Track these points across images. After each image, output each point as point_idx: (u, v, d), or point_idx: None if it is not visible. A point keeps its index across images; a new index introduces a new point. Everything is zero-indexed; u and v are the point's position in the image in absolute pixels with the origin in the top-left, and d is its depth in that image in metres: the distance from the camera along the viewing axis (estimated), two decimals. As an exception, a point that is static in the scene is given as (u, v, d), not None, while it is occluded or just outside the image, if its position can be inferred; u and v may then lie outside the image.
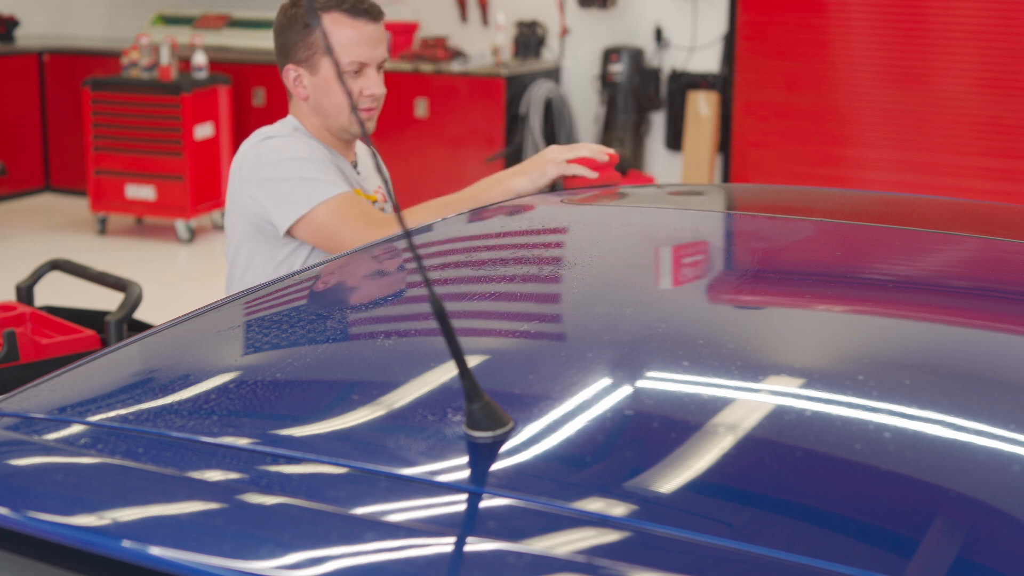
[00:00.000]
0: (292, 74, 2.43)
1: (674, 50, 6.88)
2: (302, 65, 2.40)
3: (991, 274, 1.64)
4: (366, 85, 2.40)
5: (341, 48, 2.34)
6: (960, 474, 1.00)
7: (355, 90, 2.40)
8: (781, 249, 1.74)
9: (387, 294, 1.56)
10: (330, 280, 1.59)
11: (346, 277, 1.63)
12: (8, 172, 7.16)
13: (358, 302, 1.54)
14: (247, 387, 1.21)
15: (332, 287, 1.58)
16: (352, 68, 2.37)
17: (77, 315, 2.62)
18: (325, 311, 1.47)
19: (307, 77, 2.41)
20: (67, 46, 8.15)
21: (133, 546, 0.92)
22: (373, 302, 1.54)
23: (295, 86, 2.44)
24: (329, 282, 1.58)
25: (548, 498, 0.96)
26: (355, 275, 1.64)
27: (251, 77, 7.40)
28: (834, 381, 1.17)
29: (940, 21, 6.09)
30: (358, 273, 1.65)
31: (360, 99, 2.41)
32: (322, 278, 1.58)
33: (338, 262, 1.65)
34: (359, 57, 2.37)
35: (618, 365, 1.21)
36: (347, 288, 1.60)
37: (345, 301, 1.54)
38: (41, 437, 1.13)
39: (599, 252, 1.68)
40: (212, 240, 7.17)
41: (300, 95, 2.44)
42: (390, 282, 1.62)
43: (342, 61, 2.36)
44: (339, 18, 2.34)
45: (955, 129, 6.10)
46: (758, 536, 0.92)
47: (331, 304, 1.52)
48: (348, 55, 2.35)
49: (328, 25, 2.33)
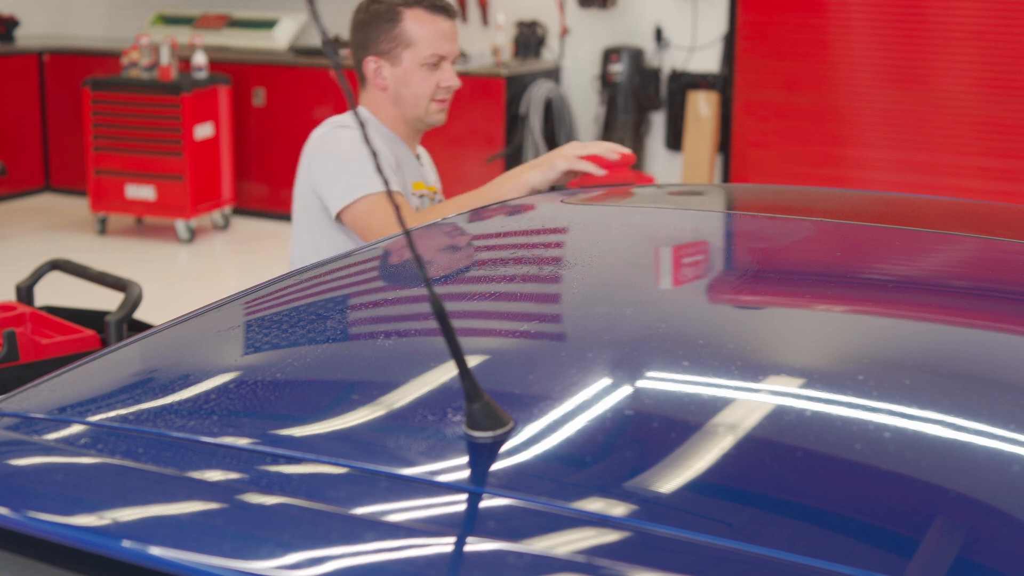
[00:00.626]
0: (372, 66, 2.59)
1: (674, 50, 6.88)
2: (383, 57, 2.57)
3: (991, 274, 1.64)
4: (443, 78, 2.59)
5: (422, 42, 2.55)
6: (960, 474, 1.00)
7: (433, 82, 2.58)
8: (781, 249, 1.74)
9: (387, 294, 1.56)
10: (330, 280, 1.59)
11: (346, 277, 1.63)
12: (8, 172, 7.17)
13: (358, 302, 1.54)
14: (247, 387, 1.21)
15: (332, 287, 1.58)
16: (432, 61, 2.57)
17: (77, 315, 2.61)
18: (325, 311, 1.47)
19: (387, 68, 2.58)
20: (67, 46, 8.15)
21: (133, 546, 0.92)
22: (373, 302, 1.54)
23: (375, 77, 2.60)
24: (329, 282, 1.58)
25: (548, 498, 0.96)
26: (355, 275, 1.64)
27: (251, 77, 7.40)
28: (834, 381, 1.17)
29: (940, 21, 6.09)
30: (358, 273, 1.65)
31: (437, 91, 2.60)
32: (322, 278, 1.58)
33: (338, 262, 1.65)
34: (439, 50, 2.56)
35: (618, 365, 1.21)
36: (347, 288, 1.60)
37: (345, 301, 1.54)
38: (41, 437, 1.13)
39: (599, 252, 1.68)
40: (212, 240, 7.17)
41: (379, 86, 2.60)
42: (390, 282, 1.62)
43: (423, 54, 2.56)
44: (420, 14, 2.55)
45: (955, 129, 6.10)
46: (758, 536, 0.92)
47: (331, 304, 1.52)
48: (428, 48, 2.55)
49: (409, 21, 2.54)
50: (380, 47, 2.57)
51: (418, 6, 2.56)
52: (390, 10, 2.55)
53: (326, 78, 7.20)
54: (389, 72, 2.58)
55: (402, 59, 2.57)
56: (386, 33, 2.56)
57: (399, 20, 2.55)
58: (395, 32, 2.55)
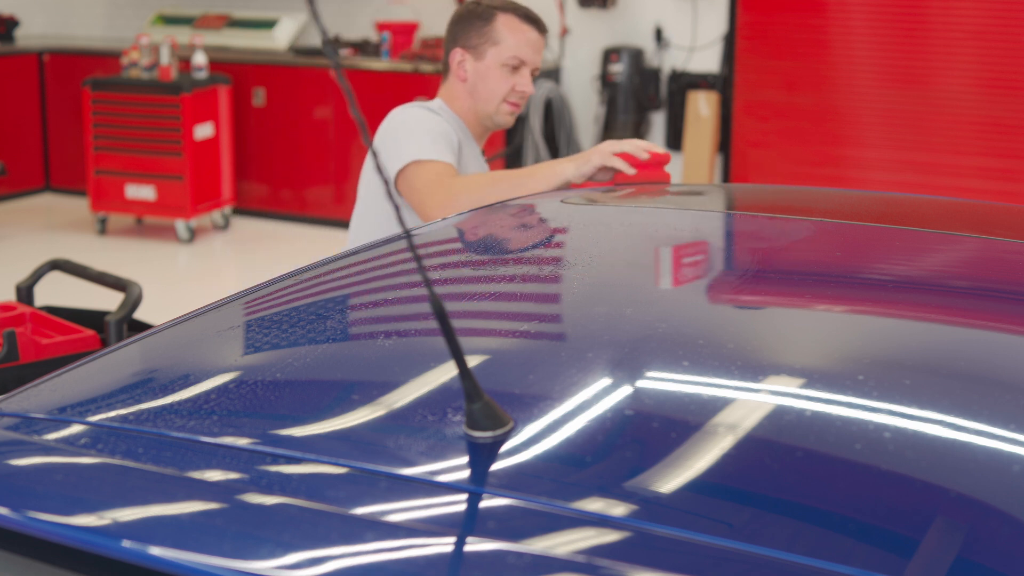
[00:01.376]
0: (458, 57, 2.73)
1: (674, 50, 6.88)
2: (469, 51, 2.72)
3: (991, 274, 1.64)
4: (519, 82, 2.72)
5: (507, 43, 2.69)
6: (960, 474, 1.00)
7: (509, 84, 2.71)
8: (781, 249, 1.74)
9: (387, 294, 1.56)
10: (330, 280, 1.59)
11: (346, 277, 1.63)
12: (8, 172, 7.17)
13: (358, 302, 1.54)
14: (247, 387, 1.21)
15: (332, 287, 1.58)
16: (512, 63, 2.70)
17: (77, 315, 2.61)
18: (325, 311, 1.47)
19: (471, 62, 2.72)
20: (67, 46, 8.15)
21: (133, 546, 0.92)
22: (373, 302, 1.54)
23: (458, 68, 2.73)
24: (329, 282, 1.58)
25: (548, 498, 0.96)
26: (355, 275, 1.64)
27: (251, 77, 7.40)
28: (834, 381, 1.17)
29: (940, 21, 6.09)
30: (358, 273, 1.65)
31: (511, 93, 2.72)
32: (322, 278, 1.58)
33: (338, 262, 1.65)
34: (521, 54, 2.70)
35: (618, 365, 1.21)
36: (347, 288, 1.60)
37: (345, 301, 1.54)
38: (41, 437, 1.13)
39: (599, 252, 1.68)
40: (212, 240, 7.17)
41: (460, 77, 2.73)
42: (390, 282, 1.62)
43: (506, 54, 2.70)
44: (512, 20, 2.71)
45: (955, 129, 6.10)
46: (758, 536, 0.92)
47: (331, 304, 1.52)
48: (511, 50, 2.69)
49: (501, 23, 2.70)
50: (469, 41, 2.72)
51: (513, 13, 2.72)
52: (486, 11, 2.73)
53: (326, 78, 7.20)
54: (471, 66, 2.72)
55: (486, 55, 2.71)
56: (477, 29, 2.72)
57: (492, 20, 2.71)
58: (486, 29, 2.71)
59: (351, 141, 7.21)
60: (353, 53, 7.34)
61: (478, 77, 2.72)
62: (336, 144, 7.25)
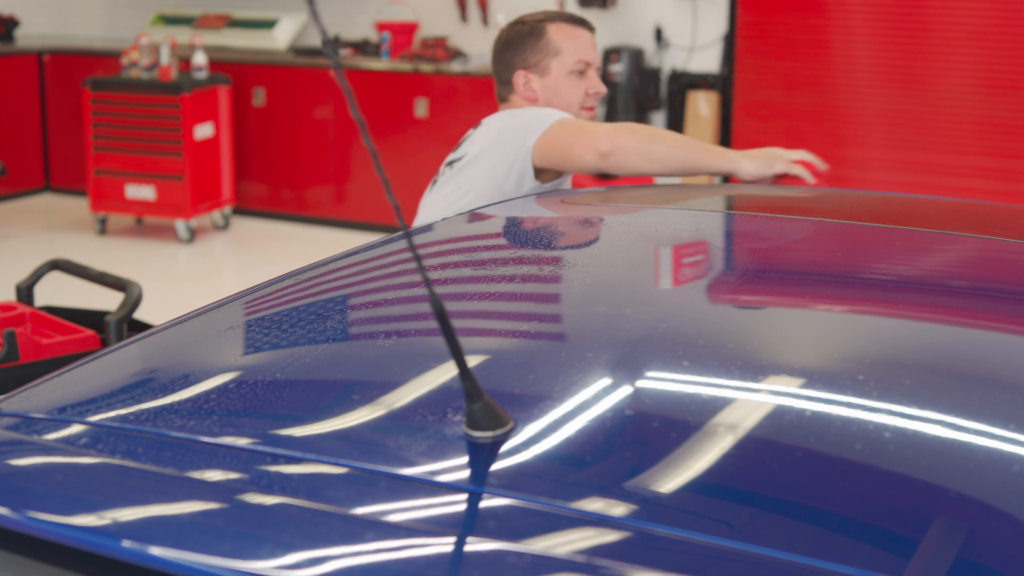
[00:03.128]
0: (522, 80, 2.66)
1: (674, 50, 6.88)
2: (532, 70, 2.66)
3: (991, 274, 1.64)
4: (590, 85, 2.67)
5: (568, 50, 2.64)
6: (960, 474, 1.00)
7: (582, 89, 2.66)
8: (781, 249, 1.74)
9: (387, 294, 1.56)
10: (330, 280, 1.59)
11: (346, 277, 1.63)
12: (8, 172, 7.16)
13: (358, 302, 1.54)
14: (247, 387, 1.21)
15: (332, 287, 1.58)
16: (579, 68, 2.65)
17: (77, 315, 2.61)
18: (325, 311, 1.47)
19: (536, 80, 2.66)
20: (67, 46, 8.14)
21: (133, 546, 0.92)
22: (373, 302, 1.54)
23: (524, 90, 2.67)
24: (329, 282, 1.58)
25: (548, 498, 0.96)
26: (355, 275, 1.64)
27: (251, 77, 7.40)
28: (834, 381, 1.17)
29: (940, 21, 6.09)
30: (358, 273, 1.65)
31: (586, 98, 2.67)
32: (323, 278, 1.58)
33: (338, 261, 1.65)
34: (583, 56, 2.65)
35: (618, 365, 1.21)
36: (347, 288, 1.60)
37: (345, 301, 1.54)
38: (41, 437, 1.13)
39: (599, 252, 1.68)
40: (212, 240, 7.17)
41: (529, 98, 2.67)
42: (390, 282, 1.62)
43: (570, 61, 2.64)
44: (562, 26, 2.67)
45: (955, 129, 6.10)
46: (758, 536, 0.92)
47: (331, 304, 1.52)
48: (575, 55, 2.64)
49: (553, 33, 2.65)
50: (528, 60, 2.66)
51: (559, 20, 2.68)
52: (535, 27, 2.67)
53: (326, 78, 7.20)
54: (538, 83, 2.66)
55: (551, 68, 2.66)
56: (532, 47, 2.66)
57: (543, 33, 2.66)
58: (541, 44, 2.66)
59: (351, 141, 7.21)
60: (353, 53, 7.34)
61: (550, 92, 2.66)
62: (336, 144, 7.25)
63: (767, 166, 2.42)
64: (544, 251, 1.74)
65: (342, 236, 7.08)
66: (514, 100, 2.71)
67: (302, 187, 7.43)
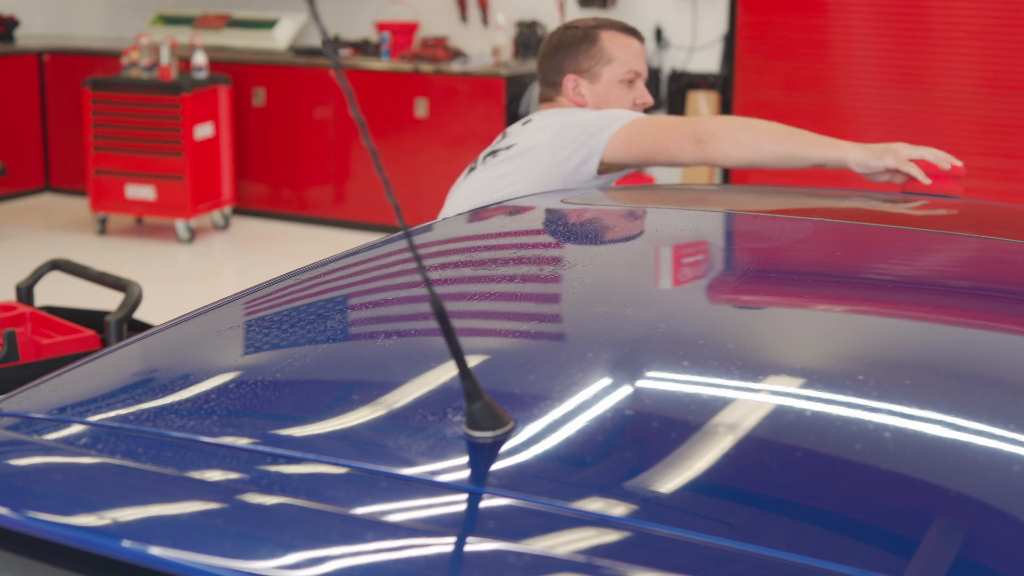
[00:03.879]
0: (571, 84, 2.67)
1: (674, 50, 6.88)
2: (583, 75, 2.66)
3: (991, 274, 1.64)
4: (638, 95, 2.68)
5: (619, 59, 2.66)
6: (960, 474, 1.00)
7: (630, 99, 2.66)
8: (781, 249, 1.74)
9: (387, 294, 1.56)
10: (330, 280, 1.59)
11: (346, 277, 1.63)
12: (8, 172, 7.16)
13: (358, 302, 1.54)
14: (247, 387, 1.21)
15: (332, 287, 1.58)
16: (629, 77, 2.66)
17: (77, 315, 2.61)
18: (325, 311, 1.47)
19: (586, 86, 2.66)
20: (67, 46, 8.15)
21: (133, 546, 0.92)
22: (373, 302, 1.54)
23: (573, 95, 2.67)
24: (329, 282, 1.58)
25: (548, 498, 0.96)
26: (355, 275, 1.64)
27: (251, 77, 7.40)
28: (834, 381, 1.17)
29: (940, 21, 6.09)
30: (358, 273, 1.65)
31: (633, 108, 2.66)
32: (323, 278, 1.58)
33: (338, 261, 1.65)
34: (635, 67, 2.67)
35: (618, 365, 1.21)
36: (347, 288, 1.60)
37: (345, 301, 1.54)
38: (41, 437, 1.13)
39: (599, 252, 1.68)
40: (212, 240, 7.17)
41: (577, 102, 2.67)
42: (390, 282, 1.62)
43: (621, 70, 2.65)
44: (615, 35, 2.68)
45: (955, 129, 6.10)
46: (758, 536, 0.92)
47: (331, 304, 1.52)
48: (626, 65, 2.66)
49: (606, 40, 2.66)
50: (580, 65, 2.66)
51: (612, 28, 2.69)
52: (588, 32, 2.68)
53: (326, 78, 7.20)
54: (588, 89, 2.66)
55: (602, 75, 2.66)
56: (584, 52, 2.66)
57: (597, 40, 2.67)
58: (594, 50, 2.66)
59: (351, 141, 7.21)
60: (353, 53, 7.34)
61: (598, 99, 2.66)
62: (336, 144, 7.25)
63: (875, 159, 2.31)
64: (544, 251, 1.74)
65: (342, 236, 7.08)
66: (560, 102, 2.70)
67: (302, 187, 7.43)
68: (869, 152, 2.32)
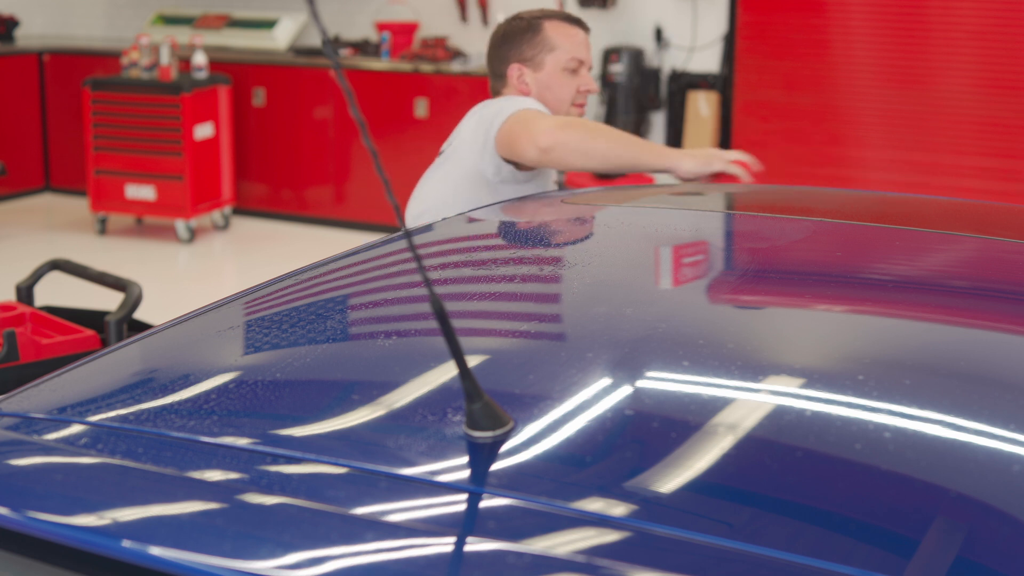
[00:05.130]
0: (516, 72, 2.72)
1: (674, 50, 6.88)
2: (527, 64, 2.72)
3: (991, 274, 1.64)
4: (582, 83, 2.73)
5: (563, 47, 2.70)
6: (960, 474, 1.00)
7: (573, 86, 2.71)
8: (781, 249, 1.74)
9: (387, 294, 1.56)
10: (330, 280, 1.59)
11: (346, 277, 1.63)
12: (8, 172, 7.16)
13: (358, 302, 1.54)
14: (247, 387, 1.21)
15: (332, 287, 1.58)
16: (572, 65, 2.71)
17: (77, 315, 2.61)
18: (325, 311, 1.47)
19: (530, 75, 2.71)
20: (67, 46, 8.14)
21: (133, 546, 0.92)
22: (373, 302, 1.54)
23: (518, 83, 2.72)
24: (329, 282, 1.58)
25: (548, 498, 0.96)
26: (355, 275, 1.64)
27: (251, 77, 7.40)
28: (834, 381, 1.17)
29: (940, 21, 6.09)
30: (358, 273, 1.65)
31: (577, 95, 2.72)
32: (323, 278, 1.58)
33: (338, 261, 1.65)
34: (577, 54, 2.71)
35: (618, 365, 1.21)
36: (347, 288, 1.60)
37: (345, 301, 1.54)
38: (41, 437, 1.13)
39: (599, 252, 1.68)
40: (212, 240, 7.17)
41: (522, 91, 2.72)
42: (390, 282, 1.62)
43: (564, 58, 2.70)
44: (559, 24, 2.73)
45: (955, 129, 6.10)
46: (758, 536, 0.92)
47: (331, 304, 1.52)
48: (569, 52, 2.70)
49: (550, 29, 2.71)
50: (524, 55, 2.72)
51: (556, 18, 2.74)
52: (532, 22, 2.74)
53: (326, 78, 7.20)
54: (532, 78, 2.71)
55: (545, 63, 2.71)
56: (528, 41, 2.72)
57: (540, 29, 2.72)
58: (538, 39, 2.71)
59: (351, 141, 7.21)
60: (353, 53, 7.34)
61: (542, 87, 2.71)
62: (336, 144, 7.25)
63: (705, 164, 2.48)
64: (544, 251, 1.74)
65: (342, 236, 7.08)
66: (507, 93, 2.75)
67: (302, 187, 7.43)
68: (699, 161, 2.49)
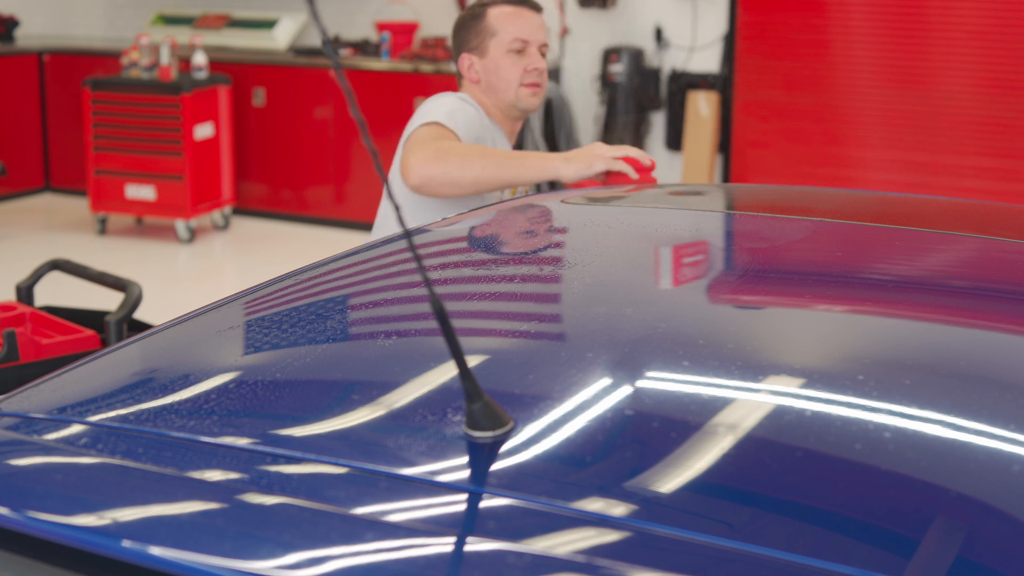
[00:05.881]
0: (466, 62, 2.78)
1: (674, 50, 6.88)
2: (473, 52, 2.77)
3: (991, 274, 1.64)
4: (528, 62, 2.74)
5: (504, 29, 2.73)
6: (960, 474, 1.00)
7: (520, 66, 2.73)
8: (781, 249, 1.74)
9: (387, 294, 1.56)
10: (330, 280, 1.59)
11: (346, 277, 1.63)
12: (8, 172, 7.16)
13: (358, 302, 1.54)
14: (247, 387, 1.21)
15: (332, 287, 1.58)
16: (516, 47, 2.73)
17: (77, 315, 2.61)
18: (325, 311, 1.47)
19: (477, 62, 2.76)
20: (67, 46, 8.14)
21: (133, 546, 0.92)
22: (373, 302, 1.54)
23: (469, 72, 2.78)
24: (329, 282, 1.58)
25: (548, 498, 0.96)
26: (355, 275, 1.64)
27: (251, 77, 7.40)
28: (834, 381, 1.17)
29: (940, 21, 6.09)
30: (358, 273, 1.65)
31: (525, 74, 2.74)
32: (322, 278, 1.58)
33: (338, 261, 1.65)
34: (520, 35, 2.73)
35: (618, 365, 1.21)
36: (347, 288, 1.60)
37: (345, 301, 1.54)
38: (41, 437, 1.13)
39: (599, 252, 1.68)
40: (212, 240, 7.17)
41: (472, 79, 2.78)
42: (390, 282, 1.62)
43: (507, 39, 2.73)
44: (503, 8, 2.76)
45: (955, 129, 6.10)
46: (758, 536, 0.92)
47: (331, 304, 1.52)
48: (511, 34, 2.73)
49: (492, 15, 2.75)
50: (470, 43, 2.78)
51: (501, 3, 2.77)
52: (478, 11, 2.78)
53: (326, 78, 7.20)
54: (479, 65, 2.76)
55: (488, 49, 2.75)
56: (473, 29, 2.77)
57: (484, 16, 2.77)
58: (481, 26, 2.76)
59: (351, 141, 7.21)
60: (353, 53, 7.34)
61: (488, 72, 2.75)
62: (336, 144, 7.25)
63: (585, 168, 2.47)
64: (544, 251, 1.74)
65: (342, 236, 7.08)
66: (464, 84, 2.81)
67: (302, 187, 7.43)
68: (579, 163, 2.48)
